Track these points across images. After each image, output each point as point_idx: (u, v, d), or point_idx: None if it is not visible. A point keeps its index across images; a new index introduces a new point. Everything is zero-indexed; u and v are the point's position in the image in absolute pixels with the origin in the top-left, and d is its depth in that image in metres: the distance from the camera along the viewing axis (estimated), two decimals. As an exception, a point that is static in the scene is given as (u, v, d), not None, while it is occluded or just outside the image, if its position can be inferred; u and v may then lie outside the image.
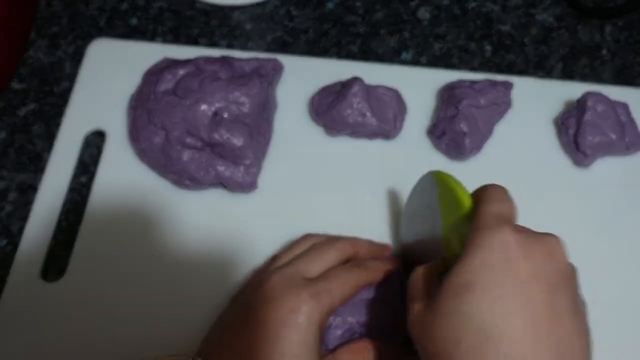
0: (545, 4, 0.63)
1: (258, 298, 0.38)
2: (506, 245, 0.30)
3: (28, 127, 0.56)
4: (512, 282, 0.29)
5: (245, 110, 0.50)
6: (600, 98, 0.50)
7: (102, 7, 0.63)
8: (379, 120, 0.51)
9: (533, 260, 0.30)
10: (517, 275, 0.29)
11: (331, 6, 0.63)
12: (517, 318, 0.29)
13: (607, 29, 0.62)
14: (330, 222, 0.49)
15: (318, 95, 0.53)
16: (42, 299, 0.47)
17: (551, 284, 0.30)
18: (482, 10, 0.63)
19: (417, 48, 0.61)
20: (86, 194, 0.52)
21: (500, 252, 0.30)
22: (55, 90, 0.58)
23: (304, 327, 0.36)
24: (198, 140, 0.49)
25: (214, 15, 0.63)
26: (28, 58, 0.60)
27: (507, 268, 0.30)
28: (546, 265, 0.30)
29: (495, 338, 0.28)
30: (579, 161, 0.51)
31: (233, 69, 0.52)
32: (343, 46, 0.61)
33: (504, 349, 0.28)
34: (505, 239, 0.30)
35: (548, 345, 0.28)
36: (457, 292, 0.30)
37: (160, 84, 0.50)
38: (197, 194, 0.51)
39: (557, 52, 0.61)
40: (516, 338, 0.28)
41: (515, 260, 0.30)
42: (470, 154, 0.51)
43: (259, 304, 0.38)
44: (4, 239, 0.51)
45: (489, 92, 0.51)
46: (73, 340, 0.45)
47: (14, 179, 0.54)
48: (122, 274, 0.48)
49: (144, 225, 0.50)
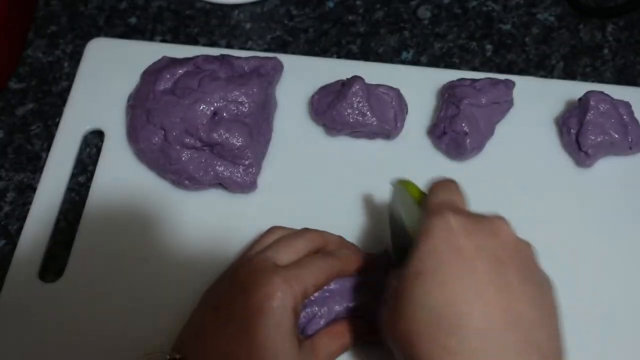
0: (546, 4, 0.63)
1: (230, 288, 0.38)
2: (448, 228, 0.30)
3: (26, 126, 0.56)
4: (457, 262, 0.30)
5: (245, 109, 0.50)
6: (603, 97, 0.50)
7: (101, 7, 0.63)
8: (379, 120, 0.51)
9: (475, 238, 0.30)
10: (460, 255, 0.30)
11: (331, 5, 0.63)
12: (464, 295, 0.29)
13: (609, 29, 0.62)
14: (330, 222, 0.49)
15: (318, 94, 0.53)
16: (41, 299, 0.47)
17: (496, 259, 0.30)
18: (483, 9, 0.63)
19: (417, 47, 0.61)
20: (85, 193, 0.52)
21: (443, 235, 0.30)
22: (53, 90, 0.58)
23: (279, 311, 0.36)
24: (197, 140, 0.49)
25: (214, 14, 0.62)
26: (27, 57, 0.60)
27: (450, 250, 0.30)
28: (489, 242, 0.30)
29: (442, 316, 0.28)
30: (580, 161, 0.51)
31: (232, 68, 0.51)
32: (343, 46, 0.61)
33: (460, 330, 0.28)
34: (446, 222, 0.31)
35: (499, 316, 0.28)
36: (410, 283, 0.30)
37: (159, 84, 0.50)
38: (196, 194, 0.51)
39: (558, 52, 0.60)
40: (467, 314, 0.28)
41: (457, 241, 0.30)
42: (471, 153, 0.51)
43: (231, 294, 0.38)
44: (2, 239, 0.51)
45: (490, 91, 0.51)
46: (72, 341, 0.45)
47: (13, 178, 0.54)
48: (120, 274, 0.48)
49: (143, 225, 0.50)
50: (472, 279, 0.29)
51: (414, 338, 0.29)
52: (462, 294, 0.29)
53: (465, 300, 0.29)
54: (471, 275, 0.29)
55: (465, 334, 0.28)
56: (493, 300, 0.29)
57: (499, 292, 0.29)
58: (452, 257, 0.30)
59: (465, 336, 0.28)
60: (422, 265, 0.30)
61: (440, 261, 0.30)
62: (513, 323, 0.28)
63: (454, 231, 0.30)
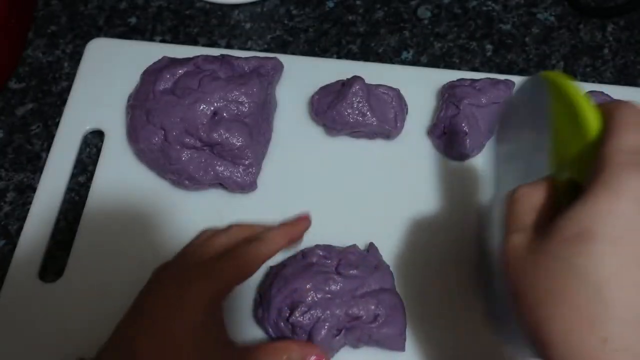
0: (546, 4, 0.63)
1: (148, 290, 0.38)
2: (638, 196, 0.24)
3: (26, 126, 0.56)
4: (629, 240, 0.24)
5: (245, 109, 0.50)
6: (603, 97, 0.50)
7: (101, 7, 0.63)
8: (379, 120, 0.51)
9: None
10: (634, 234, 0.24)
11: (331, 5, 0.63)
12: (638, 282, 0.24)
13: (609, 29, 0.62)
14: (330, 222, 0.49)
15: (318, 94, 0.53)
16: (40, 299, 0.47)
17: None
18: (483, 9, 0.63)
19: (417, 47, 0.61)
20: (84, 194, 0.52)
21: (633, 200, 0.24)
22: (53, 90, 0.58)
23: (195, 306, 0.35)
24: (197, 140, 0.49)
25: (214, 14, 0.62)
26: (27, 57, 0.60)
27: (638, 221, 0.24)
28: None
29: (614, 301, 0.24)
30: (580, 161, 0.51)
31: (232, 68, 0.51)
32: (343, 46, 0.61)
33: (624, 314, 0.24)
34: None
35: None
36: (572, 239, 0.25)
37: (159, 84, 0.50)
38: (196, 194, 0.51)
39: (558, 52, 0.60)
40: (633, 304, 0.24)
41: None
42: (471, 153, 0.51)
43: (149, 295, 0.37)
44: (2, 239, 0.51)
45: (490, 90, 0.51)
46: (71, 341, 0.45)
47: (12, 178, 0.54)
48: (120, 274, 0.48)
49: (143, 225, 0.50)
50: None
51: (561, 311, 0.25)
52: (635, 280, 0.24)
53: (637, 291, 0.24)
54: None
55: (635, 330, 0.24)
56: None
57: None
58: (637, 230, 0.24)
59: (634, 333, 0.24)
60: (595, 226, 0.24)
61: (620, 230, 0.24)
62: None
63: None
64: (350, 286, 0.43)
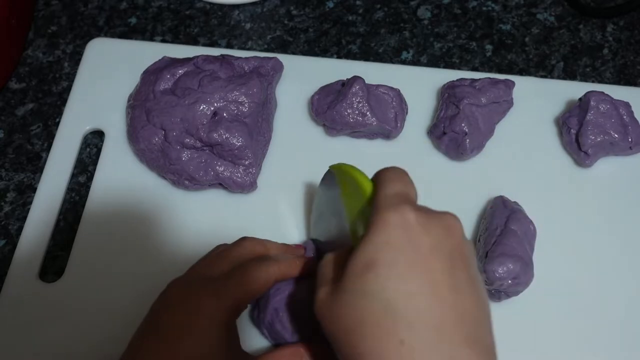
0: (546, 4, 0.63)
1: (162, 306, 0.38)
2: (406, 222, 0.30)
3: (26, 126, 0.56)
4: (414, 257, 0.30)
5: (245, 109, 0.50)
6: (603, 97, 0.50)
7: (101, 7, 0.63)
8: (379, 120, 0.51)
9: (432, 235, 0.31)
10: (417, 251, 0.30)
11: (331, 5, 0.63)
12: (421, 292, 0.29)
13: (609, 29, 0.62)
14: (330, 223, 0.49)
15: (318, 94, 0.53)
16: (41, 299, 0.47)
17: (450, 258, 0.31)
18: (483, 9, 0.63)
19: (417, 47, 0.61)
20: (85, 194, 0.52)
21: (401, 229, 0.30)
22: (53, 90, 0.58)
23: (205, 328, 0.35)
24: (197, 140, 0.49)
25: (214, 14, 0.62)
26: (27, 57, 0.60)
27: (408, 244, 0.30)
28: (445, 240, 0.31)
29: (400, 310, 0.29)
30: (580, 161, 0.51)
31: (232, 68, 0.51)
32: (343, 46, 0.61)
33: (418, 324, 0.29)
34: (405, 216, 0.31)
35: (453, 314, 0.29)
36: (361, 271, 0.30)
37: (159, 84, 0.50)
38: (196, 194, 0.51)
39: (558, 52, 0.60)
40: (422, 311, 0.29)
41: (416, 236, 0.30)
42: (471, 153, 0.51)
43: (161, 312, 0.37)
44: (2, 239, 0.51)
45: (490, 90, 0.51)
46: (72, 341, 0.45)
47: (13, 178, 0.54)
48: (121, 274, 0.48)
49: (143, 225, 0.50)
50: (428, 277, 0.30)
51: (364, 330, 0.29)
52: (419, 289, 0.29)
53: (423, 295, 0.29)
54: (428, 273, 0.30)
55: (423, 327, 0.29)
56: (446, 297, 0.29)
57: (451, 290, 0.30)
58: (410, 252, 0.30)
59: (422, 330, 0.29)
60: (378, 256, 0.30)
61: (398, 255, 0.30)
62: (462, 320, 0.29)
63: (411, 226, 0.30)
64: None
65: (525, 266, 0.44)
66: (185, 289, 0.38)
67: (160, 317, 0.37)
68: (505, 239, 0.44)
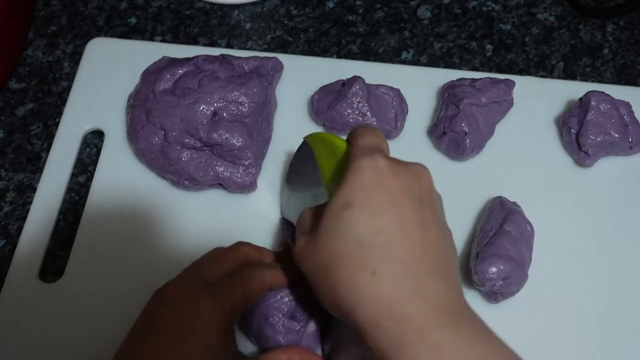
0: (546, 4, 0.63)
1: (159, 307, 0.38)
2: (378, 167, 0.34)
3: (26, 126, 0.56)
4: (384, 197, 0.33)
5: (245, 109, 0.49)
6: (604, 97, 0.50)
7: (101, 7, 0.63)
8: (379, 120, 0.51)
9: (401, 179, 0.34)
10: (388, 191, 0.33)
11: (331, 5, 0.63)
12: (391, 227, 0.32)
13: (609, 29, 0.62)
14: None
15: (318, 94, 0.53)
16: (40, 299, 0.47)
17: (418, 199, 0.34)
18: (483, 9, 0.63)
19: (417, 47, 0.61)
20: (85, 194, 0.52)
21: (373, 173, 0.33)
22: (53, 90, 0.58)
23: (204, 331, 0.36)
24: (197, 140, 0.49)
25: (214, 14, 0.62)
26: (27, 57, 0.60)
27: (379, 186, 0.33)
28: (413, 184, 0.34)
29: (372, 244, 0.32)
30: (580, 161, 0.51)
31: (232, 68, 0.51)
32: (343, 46, 0.61)
33: (387, 256, 0.32)
34: (377, 162, 0.34)
35: (419, 249, 0.32)
36: (337, 212, 0.33)
37: (159, 84, 0.50)
38: (196, 194, 0.51)
39: (558, 52, 0.60)
40: (390, 243, 0.32)
41: (386, 179, 0.33)
42: (471, 153, 0.51)
43: (159, 313, 0.37)
44: (2, 239, 0.51)
45: (490, 90, 0.51)
46: (71, 342, 0.45)
47: (12, 178, 0.54)
48: (120, 274, 0.48)
49: (143, 225, 0.50)
50: (397, 214, 0.33)
51: (340, 262, 0.32)
52: (389, 226, 0.32)
53: (392, 231, 0.32)
54: (397, 211, 0.33)
55: (391, 260, 0.32)
56: (414, 233, 0.32)
57: (418, 227, 0.33)
58: (381, 193, 0.33)
59: (391, 262, 0.31)
60: (353, 197, 0.33)
61: (371, 195, 0.33)
62: (428, 254, 0.32)
63: (383, 171, 0.33)
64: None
65: (517, 267, 0.44)
66: (184, 291, 0.38)
67: (159, 317, 0.37)
68: (497, 240, 0.44)
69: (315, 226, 0.35)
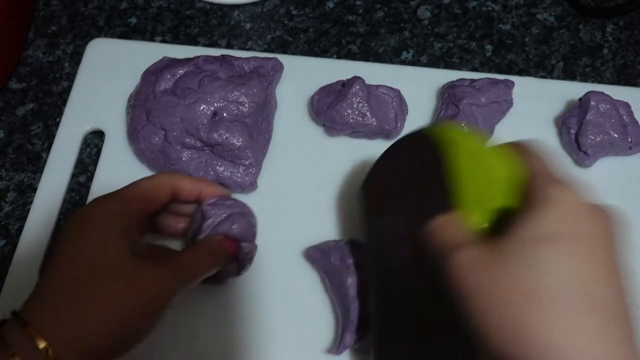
0: (546, 4, 0.63)
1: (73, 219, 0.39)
2: (575, 202, 0.31)
3: (26, 126, 0.56)
4: (582, 238, 0.30)
5: (245, 109, 0.50)
6: (603, 97, 0.50)
7: (101, 7, 0.63)
8: (379, 120, 0.51)
9: (596, 220, 0.31)
10: (585, 233, 0.30)
11: (331, 5, 0.63)
12: (586, 274, 0.29)
13: (609, 29, 0.62)
14: (330, 222, 0.49)
15: (318, 94, 0.53)
16: (41, 299, 0.47)
17: (608, 246, 0.31)
18: (483, 9, 0.63)
19: (417, 47, 0.61)
20: (85, 193, 0.52)
21: (571, 207, 0.31)
22: (54, 90, 0.58)
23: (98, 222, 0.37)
24: (197, 140, 0.49)
25: (214, 14, 0.62)
26: (27, 57, 0.60)
27: (577, 224, 0.30)
28: (605, 228, 0.31)
29: (570, 291, 0.28)
30: (580, 161, 0.51)
31: (232, 69, 0.51)
32: (343, 46, 0.61)
33: (578, 300, 0.28)
34: (574, 197, 0.31)
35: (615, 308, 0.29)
36: (534, 242, 0.30)
37: (159, 84, 0.50)
38: (197, 194, 0.51)
39: (558, 52, 0.60)
40: (602, 298, 0.29)
41: (584, 218, 0.30)
42: (470, 153, 0.51)
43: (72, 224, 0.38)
44: (2, 239, 0.51)
45: (490, 90, 0.51)
46: (71, 341, 0.45)
47: (13, 178, 0.54)
48: (120, 274, 0.48)
49: (143, 225, 0.50)
50: (590, 262, 0.30)
51: (518, 295, 0.29)
52: (584, 272, 0.29)
53: (586, 281, 0.29)
54: (591, 257, 0.30)
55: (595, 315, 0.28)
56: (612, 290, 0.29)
57: (609, 284, 0.30)
58: (577, 231, 0.30)
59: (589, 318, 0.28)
60: (550, 230, 0.30)
61: (568, 232, 0.30)
62: (621, 316, 0.29)
63: (580, 207, 0.31)
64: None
65: None
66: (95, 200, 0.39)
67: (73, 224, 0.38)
68: None
69: (488, 245, 0.31)
